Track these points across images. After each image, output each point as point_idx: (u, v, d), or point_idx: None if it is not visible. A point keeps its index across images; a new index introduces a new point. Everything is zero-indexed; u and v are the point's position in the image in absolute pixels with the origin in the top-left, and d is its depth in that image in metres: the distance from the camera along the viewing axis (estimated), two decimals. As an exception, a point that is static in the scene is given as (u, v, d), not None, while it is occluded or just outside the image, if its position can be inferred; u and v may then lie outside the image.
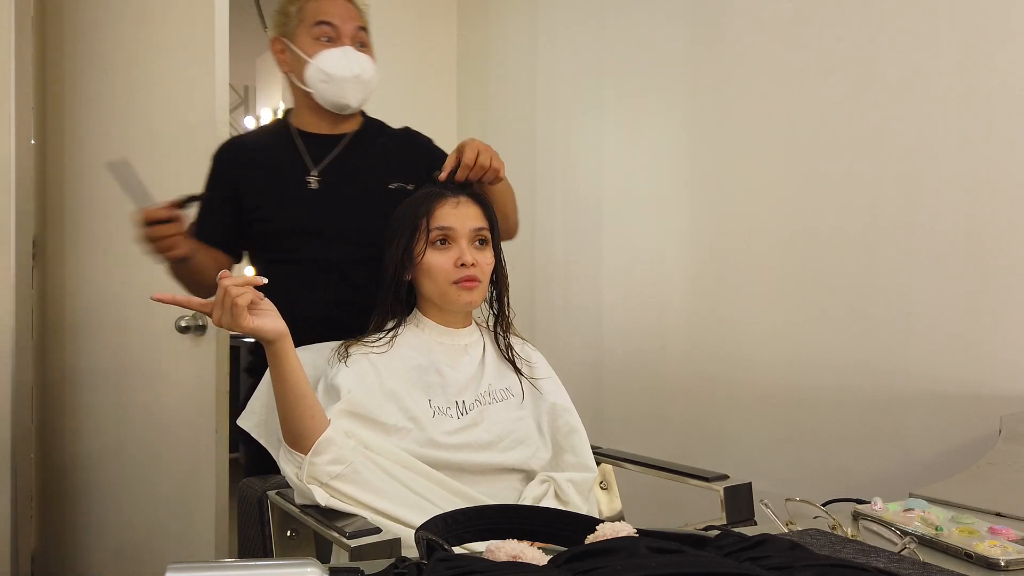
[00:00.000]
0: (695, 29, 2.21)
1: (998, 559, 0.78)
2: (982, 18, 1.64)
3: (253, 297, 1.04)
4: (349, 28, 1.47)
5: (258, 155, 1.54)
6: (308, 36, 1.46)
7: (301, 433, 1.09)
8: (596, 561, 0.61)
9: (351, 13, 1.49)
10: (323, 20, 1.45)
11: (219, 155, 1.56)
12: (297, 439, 1.09)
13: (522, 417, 1.28)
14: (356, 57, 1.46)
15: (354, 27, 1.48)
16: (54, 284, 2.41)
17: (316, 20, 1.46)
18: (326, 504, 1.07)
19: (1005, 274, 1.61)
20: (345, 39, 1.46)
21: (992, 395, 1.60)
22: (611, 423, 2.37)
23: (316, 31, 1.46)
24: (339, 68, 1.45)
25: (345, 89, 1.46)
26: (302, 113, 1.54)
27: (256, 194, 1.49)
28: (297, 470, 1.08)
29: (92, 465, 2.30)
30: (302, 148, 1.51)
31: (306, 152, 1.51)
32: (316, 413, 1.11)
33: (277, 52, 1.54)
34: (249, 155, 1.55)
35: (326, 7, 1.47)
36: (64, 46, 2.41)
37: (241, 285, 1.03)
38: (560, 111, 2.62)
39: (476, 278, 1.25)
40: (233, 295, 1.01)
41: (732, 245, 2.11)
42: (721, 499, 1.25)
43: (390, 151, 1.56)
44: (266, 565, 0.64)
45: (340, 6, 1.48)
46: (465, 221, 1.26)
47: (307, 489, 1.08)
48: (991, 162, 1.63)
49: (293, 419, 1.09)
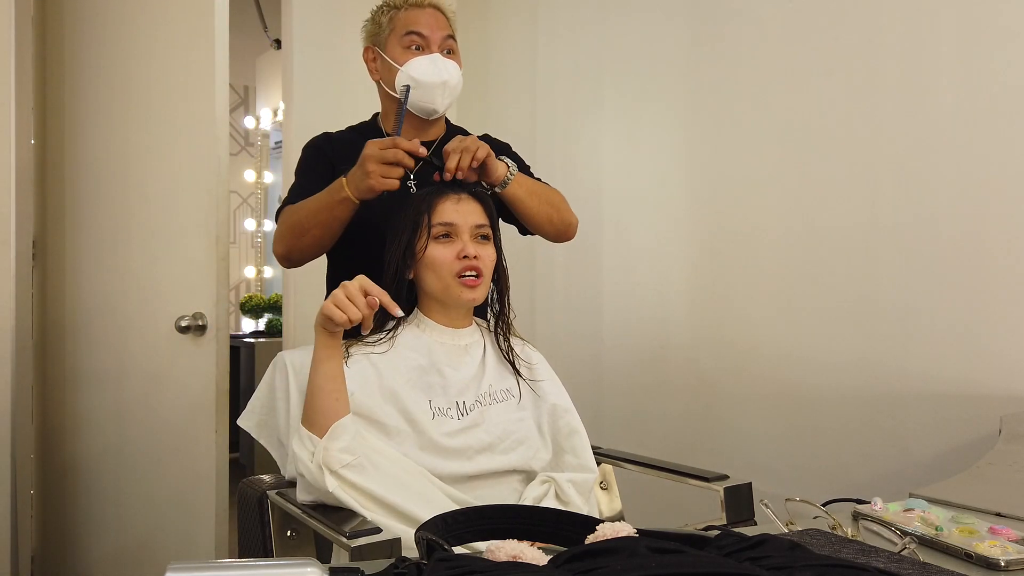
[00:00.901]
0: (695, 29, 2.21)
1: (998, 559, 0.78)
2: (982, 18, 1.64)
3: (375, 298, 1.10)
4: (437, 36, 1.53)
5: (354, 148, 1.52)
6: (399, 45, 1.52)
7: (325, 412, 1.10)
8: (596, 561, 0.61)
9: (439, 22, 1.55)
10: (413, 30, 1.51)
11: (319, 142, 1.60)
12: (319, 418, 1.10)
13: (523, 418, 1.29)
14: (444, 64, 1.52)
15: (442, 36, 1.54)
16: (54, 284, 2.41)
17: (407, 30, 1.52)
18: (332, 491, 1.07)
19: (1005, 274, 1.61)
20: (434, 47, 1.53)
21: (992, 395, 1.60)
22: (611, 423, 2.37)
23: (406, 40, 1.52)
24: (428, 75, 1.50)
25: (434, 95, 1.52)
26: (391, 120, 1.60)
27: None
28: (310, 454, 1.09)
29: (92, 465, 2.30)
30: None
31: None
32: (343, 397, 1.13)
33: (369, 61, 1.60)
34: (345, 146, 1.58)
35: (416, 17, 1.53)
36: (64, 46, 2.41)
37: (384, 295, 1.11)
38: (560, 111, 2.62)
39: (479, 271, 1.26)
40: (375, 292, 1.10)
41: (732, 245, 2.11)
42: (721, 499, 1.25)
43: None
44: (266, 565, 0.64)
45: (429, 15, 1.54)
46: (467, 217, 1.27)
47: (319, 474, 1.08)
48: (991, 162, 1.63)
49: (323, 395, 1.11)
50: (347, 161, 1.52)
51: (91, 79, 2.34)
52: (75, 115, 2.38)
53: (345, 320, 1.08)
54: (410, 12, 1.53)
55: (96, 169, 2.33)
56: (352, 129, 1.67)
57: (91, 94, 2.34)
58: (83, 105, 2.36)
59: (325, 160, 1.57)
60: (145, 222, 2.21)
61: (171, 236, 2.15)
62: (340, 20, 2.71)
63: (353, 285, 1.09)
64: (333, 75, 2.68)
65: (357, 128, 1.66)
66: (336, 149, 1.58)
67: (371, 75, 1.61)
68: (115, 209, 2.28)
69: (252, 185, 4.72)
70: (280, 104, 3.92)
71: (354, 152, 1.54)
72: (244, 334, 4.52)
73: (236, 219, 4.70)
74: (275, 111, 4.48)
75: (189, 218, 2.10)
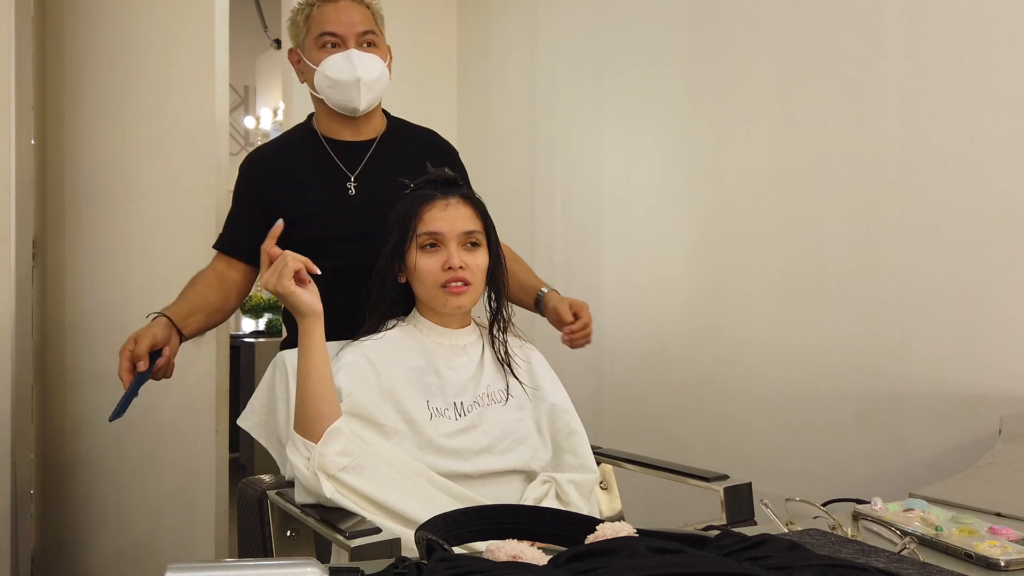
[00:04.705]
0: (695, 29, 2.21)
1: (998, 559, 0.78)
2: (982, 19, 1.64)
3: (302, 269, 1.11)
4: (353, 32, 1.48)
5: (289, 165, 1.56)
6: (315, 46, 1.49)
7: (317, 416, 1.10)
8: (596, 561, 0.61)
9: (356, 16, 1.49)
10: (326, 30, 1.47)
11: (246, 168, 1.57)
12: (312, 423, 1.10)
13: (522, 418, 1.28)
14: (360, 59, 1.47)
15: (358, 31, 1.49)
16: (54, 284, 2.41)
17: (320, 31, 1.48)
18: (330, 497, 1.07)
19: (1005, 275, 1.61)
20: (350, 43, 1.48)
21: (992, 395, 1.60)
22: (611, 423, 2.37)
23: (321, 40, 1.48)
24: (342, 72, 1.47)
25: (350, 93, 1.48)
26: (326, 121, 1.57)
27: (296, 202, 1.51)
28: (306, 461, 1.08)
29: (92, 465, 2.30)
30: (332, 155, 1.54)
31: (337, 159, 1.54)
32: (333, 400, 1.13)
33: (294, 63, 1.57)
34: (279, 166, 1.57)
35: (329, 15, 1.48)
36: (64, 46, 2.41)
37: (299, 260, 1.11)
38: (560, 111, 2.62)
39: (465, 281, 1.24)
40: (288, 258, 1.10)
41: (732, 245, 2.11)
42: (721, 499, 1.25)
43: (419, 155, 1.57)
44: (266, 565, 0.64)
45: (343, 10, 1.48)
46: (455, 223, 1.25)
47: (315, 480, 1.07)
48: (991, 162, 1.63)
49: (313, 400, 1.11)
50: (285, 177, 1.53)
51: (91, 79, 2.34)
52: (75, 115, 2.38)
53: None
54: (324, 9, 1.48)
55: (96, 169, 2.32)
56: (286, 139, 1.63)
57: (91, 94, 2.34)
58: (83, 105, 2.36)
59: (251, 194, 1.55)
60: (145, 222, 2.21)
61: (171, 236, 2.15)
62: (340, 20, 2.71)
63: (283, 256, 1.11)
64: (333, 75, 2.68)
65: (291, 137, 1.63)
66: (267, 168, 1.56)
67: (298, 77, 1.58)
68: (115, 209, 2.28)
69: (252, 185, 4.73)
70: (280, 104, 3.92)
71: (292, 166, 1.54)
72: (244, 334, 4.52)
73: (236, 219, 4.69)
74: (275, 111, 4.49)
75: (189, 218, 2.10)
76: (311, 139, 1.57)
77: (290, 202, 1.50)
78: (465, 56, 3.05)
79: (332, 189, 1.51)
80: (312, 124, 1.59)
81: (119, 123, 2.28)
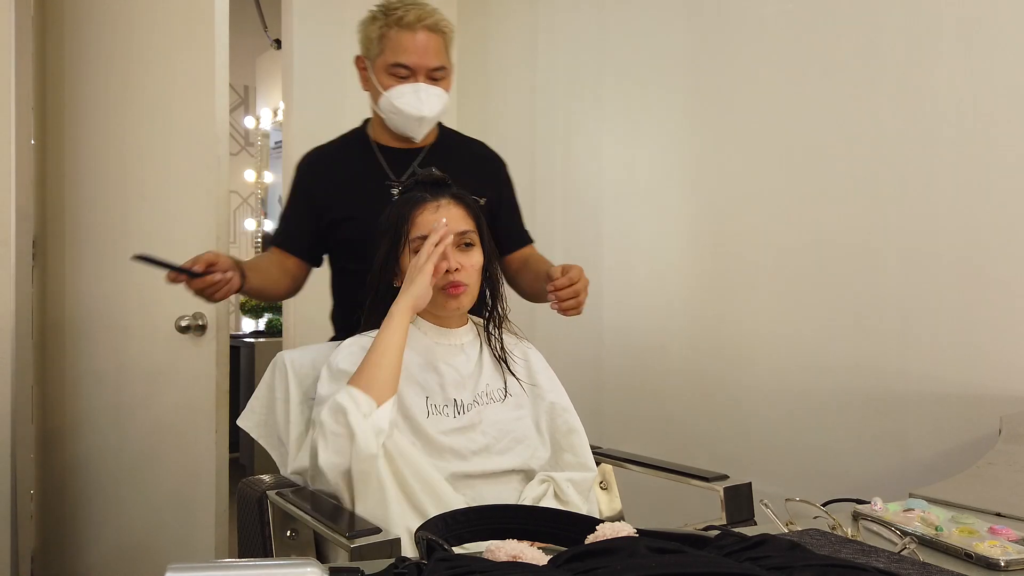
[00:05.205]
0: (696, 28, 2.21)
1: (998, 559, 0.78)
2: (982, 18, 1.64)
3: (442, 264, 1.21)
4: (424, 67, 1.50)
5: (340, 166, 1.61)
6: (385, 71, 1.51)
7: (384, 382, 1.13)
8: (596, 561, 0.61)
9: (430, 48, 1.50)
10: (400, 62, 1.49)
11: (301, 167, 1.63)
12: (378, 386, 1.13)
13: (520, 416, 1.28)
14: (427, 96, 1.50)
15: (430, 67, 1.50)
16: (54, 284, 2.41)
17: (394, 61, 1.49)
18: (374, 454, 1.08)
19: (1004, 275, 1.61)
20: (420, 76, 1.50)
21: (992, 395, 1.60)
22: (611, 423, 2.37)
23: (392, 69, 1.50)
24: (408, 106, 1.50)
25: (411, 125, 1.53)
26: (379, 130, 1.61)
27: (341, 204, 1.55)
28: (363, 417, 1.09)
29: (92, 465, 2.30)
30: (382, 160, 1.59)
31: (386, 164, 1.58)
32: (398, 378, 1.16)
33: (359, 69, 1.59)
34: (329, 166, 1.61)
35: (406, 44, 1.49)
36: (64, 46, 2.41)
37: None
38: (560, 110, 2.62)
39: (461, 283, 1.24)
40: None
41: (732, 244, 2.11)
42: (721, 499, 1.25)
43: (465, 164, 1.62)
44: (266, 565, 0.64)
45: (421, 41, 1.49)
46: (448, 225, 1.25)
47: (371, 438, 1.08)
48: (991, 163, 1.63)
49: (389, 367, 1.15)
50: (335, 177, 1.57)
51: (91, 79, 2.34)
52: (75, 115, 2.38)
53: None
54: (402, 36, 1.49)
55: (96, 169, 2.32)
56: (342, 140, 1.67)
57: (91, 94, 2.34)
58: (83, 105, 2.36)
59: (306, 191, 1.60)
60: (145, 222, 2.21)
61: (171, 236, 2.15)
62: (340, 20, 2.71)
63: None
64: (333, 75, 2.68)
65: (346, 138, 1.67)
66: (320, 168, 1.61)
67: (360, 84, 1.60)
68: (115, 209, 2.28)
69: (252, 185, 4.73)
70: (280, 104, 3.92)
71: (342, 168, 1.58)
72: (244, 334, 4.52)
73: (236, 219, 4.70)
74: (275, 111, 4.49)
75: (189, 218, 2.10)
76: (363, 143, 1.62)
77: (335, 203, 1.56)
78: (465, 57, 3.05)
79: (375, 193, 1.55)
80: (367, 129, 1.64)
81: (119, 123, 2.28)
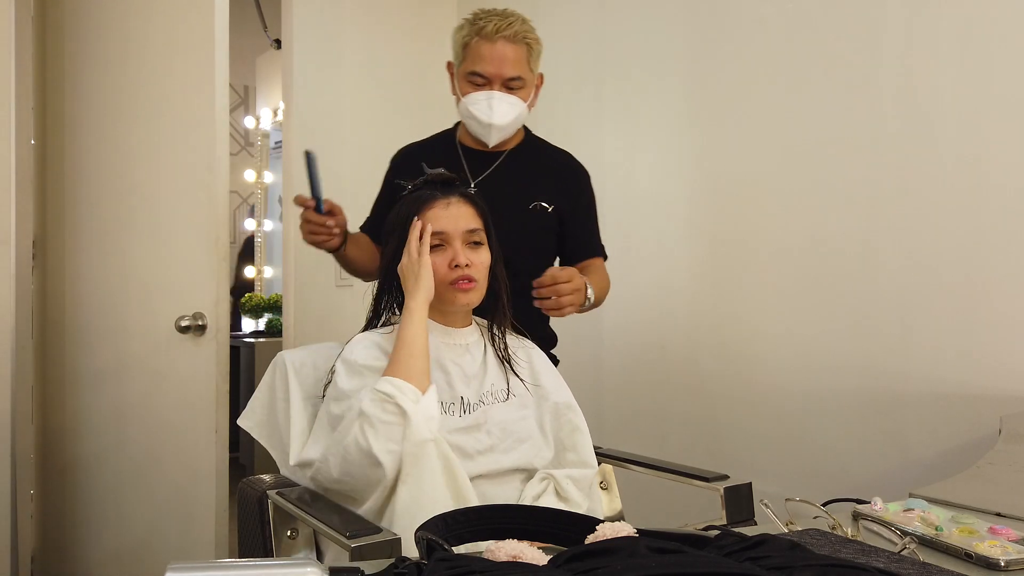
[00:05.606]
0: (696, 28, 2.21)
1: (998, 559, 0.78)
2: (982, 18, 1.64)
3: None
4: (500, 76, 1.53)
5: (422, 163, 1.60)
6: (464, 78, 1.56)
7: (424, 371, 1.15)
8: (596, 561, 0.61)
9: (508, 58, 1.53)
10: (476, 71, 1.53)
11: (394, 160, 1.70)
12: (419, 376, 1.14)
13: (524, 416, 1.29)
14: (499, 105, 1.53)
15: (505, 76, 1.53)
16: (54, 284, 2.41)
17: (472, 69, 1.53)
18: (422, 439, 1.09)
19: (1004, 276, 1.61)
20: (495, 84, 1.53)
21: (992, 395, 1.60)
22: (611, 423, 2.37)
23: (470, 77, 1.54)
24: (480, 113, 1.54)
25: (482, 131, 1.56)
26: (464, 130, 1.65)
27: None
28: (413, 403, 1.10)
29: (92, 465, 2.30)
30: (463, 160, 1.62)
31: (466, 166, 1.61)
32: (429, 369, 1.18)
33: (449, 74, 1.64)
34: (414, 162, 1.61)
35: (484, 53, 1.52)
36: (64, 46, 2.41)
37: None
38: (560, 111, 2.62)
39: (472, 278, 1.25)
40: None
41: (732, 244, 2.11)
42: (721, 499, 1.25)
43: (542, 171, 1.64)
44: (266, 565, 0.64)
45: (498, 51, 1.52)
46: (457, 222, 1.26)
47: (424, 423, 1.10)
48: (991, 163, 1.63)
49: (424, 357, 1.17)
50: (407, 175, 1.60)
51: (91, 79, 2.34)
52: (75, 115, 2.38)
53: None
54: (480, 46, 1.52)
55: (96, 169, 2.32)
56: (433, 138, 1.72)
57: (91, 94, 2.34)
58: (83, 105, 2.36)
59: (390, 188, 1.64)
60: (145, 222, 2.21)
61: (171, 236, 2.15)
62: (340, 20, 2.71)
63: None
64: (333, 75, 2.68)
65: (437, 137, 1.71)
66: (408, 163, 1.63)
67: (450, 87, 1.64)
68: (115, 209, 2.28)
69: (252, 185, 4.72)
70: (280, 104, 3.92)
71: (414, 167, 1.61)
72: (244, 334, 4.51)
73: (236, 219, 4.70)
74: (275, 111, 4.48)
75: (189, 218, 2.10)
76: (449, 143, 1.66)
77: None
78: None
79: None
80: (455, 129, 1.69)
81: (119, 123, 2.28)
